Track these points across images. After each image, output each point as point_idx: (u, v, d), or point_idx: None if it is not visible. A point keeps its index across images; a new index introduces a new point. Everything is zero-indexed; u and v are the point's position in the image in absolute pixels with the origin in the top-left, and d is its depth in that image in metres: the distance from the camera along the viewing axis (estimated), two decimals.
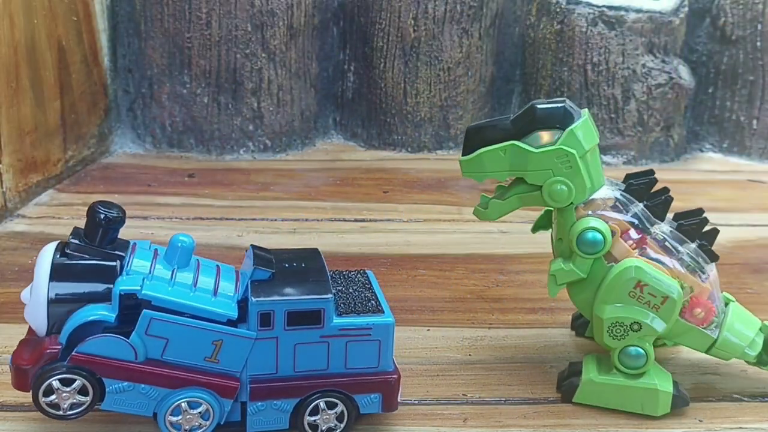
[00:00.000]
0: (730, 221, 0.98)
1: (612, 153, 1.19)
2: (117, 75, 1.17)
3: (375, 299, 0.55)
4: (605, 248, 0.56)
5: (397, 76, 1.18)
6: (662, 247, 0.58)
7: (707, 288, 0.58)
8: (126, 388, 0.50)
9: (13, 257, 0.82)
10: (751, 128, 1.23)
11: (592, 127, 0.58)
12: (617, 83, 1.16)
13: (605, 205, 0.58)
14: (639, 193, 0.59)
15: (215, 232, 0.90)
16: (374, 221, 0.96)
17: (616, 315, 0.57)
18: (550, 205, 0.57)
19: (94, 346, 0.49)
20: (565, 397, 0.62)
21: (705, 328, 0.59)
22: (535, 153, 0.55)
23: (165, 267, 0.52)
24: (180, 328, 0.50)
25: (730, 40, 1.22)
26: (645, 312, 0.57)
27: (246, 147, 1.17)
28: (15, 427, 0.56)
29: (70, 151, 1.05)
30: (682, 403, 0.60)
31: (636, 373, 0.59)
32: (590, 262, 0.57)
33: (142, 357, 0.50)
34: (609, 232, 0.56)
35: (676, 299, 0.56)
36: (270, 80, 1.16)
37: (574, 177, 0.55)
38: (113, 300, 0.50)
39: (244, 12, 1.12)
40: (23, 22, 0.93)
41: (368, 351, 0.54)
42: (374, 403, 0.55)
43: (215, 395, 0.52)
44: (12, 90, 0.91)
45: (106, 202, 0.52)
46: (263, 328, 0.52)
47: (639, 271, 0.56)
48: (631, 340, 0.57)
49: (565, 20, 1.16)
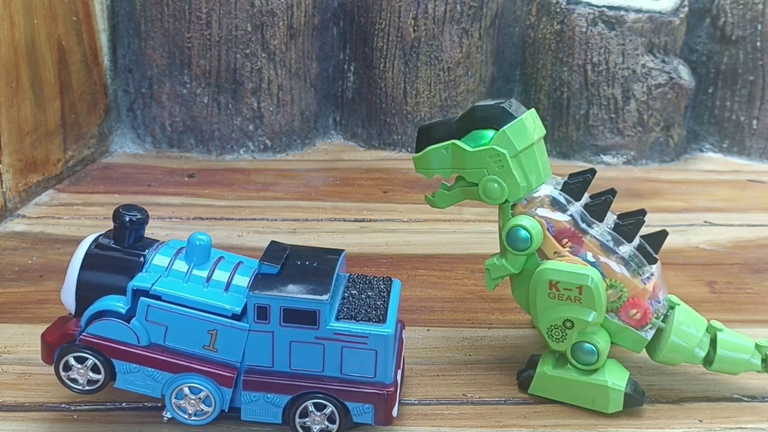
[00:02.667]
0: (730, 221, 0.98)
1: (612, 153, 1.19)
2: (117, 75, 1.17)
3: (383, 309, 0.55)
4: (533, 246, 0.58)
5: (397, 76, 1.18)
6: (601, 247, 0.58)
7: (646, 290, 0.58)
8: (133, 369, 0.53)
9: (13, 257, 0.82)
10: (751, 128, 1.23)
11: (531, 127, 0.59)
12: (617, 83, 1.16)
13: (542, 204, 0.59)
14: (574, 193, 0.60)
15: (215, 232, 0.90)
16: (374, 221, 0.96)
17: (548, 319, 0.58)
18: (485, 201, 0.59)
19: (100, 328, 0.53)
20: (521, 388, 0.63)
21: (639, 330, 0.59)
22: (470, 152, 0.58)
23: (183, 264, 0.55)
24: (175, 316, 0.53)
25: (730, 40, 1.22)
26: (569, 307, 0.57)
27: (246, 147, 1.17)
28: (15, 427, 0.56)
29: (70, 151, 1.05)
30: (636, 402, 0.60)
31: (589, 369, 0.59)
32: (522, 258, 0.59)
33: (145, 341, 0.53)
34: (539, 231, 0.58)
35: (591, 285, 0.56)
36: (270, 80, 1.16)
37: (506, 176, 0.58)
38: (127, 294, 0.53)
39: (244, 12, 1.12)
40: (23, 22, 0.93)
41: (364, 360, 0.54)
42: (367, 414, 0.54)
43: (214, 383, 0.53)
44: (12, 90, 0.91)
45: (129, 205, 0.56)
46: (259, 320, 0.53)
47: (546, 272, 0.57)
48: (573, 339, 0.58)
49: (565, 20, 1.16)
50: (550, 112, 1.21)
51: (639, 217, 0.59)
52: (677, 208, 1.03)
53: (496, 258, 0.61)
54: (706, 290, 0.80)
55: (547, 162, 0.61)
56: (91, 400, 0.59)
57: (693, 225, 0.97)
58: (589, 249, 0.58)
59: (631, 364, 0.67)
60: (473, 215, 0.91)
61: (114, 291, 0.54)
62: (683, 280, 0.82)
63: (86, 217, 0.93)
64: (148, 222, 0.56)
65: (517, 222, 0.58)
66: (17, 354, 0.64)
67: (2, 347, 0.65)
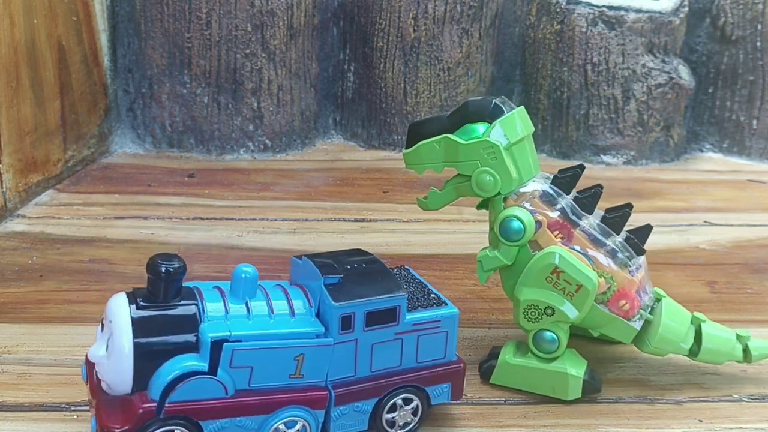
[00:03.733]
0: (730, 221, 0.98)
1: (612, 153, 1.19)
2: (117, 75, 1.17)
3: (433, 293, 0.57)
4: (525, 236, 0.59)
5: (397, 76, 1.18)
6: (590, 240, 0.59)
7: (634, 281, 0.59)
8: (224, 425, 0.50)
9: (13, 257, 0.82)
10: (751, 128, 1.23)
11: (521, 123, 0.60)
12: (617, 83, 1.17)
13: (533, 197, 0.60)
14: (564, 186, 0.61)
15: (215, 232, 0.90)
16: (374, 221, 0.96)
17: (533, 298, 0.59)
18: (479, 194, 0.60)
19: (185, 392, 0.48)
20: (484, 379, 0.64)
21: (629, 320, 0.60)
22: (464, 144, 0.59)
23: (237, 302, 0.51)
24: (262, 353, 0.50)
25: (730, 40, 1.22)
26: (560, 298, 0.58)
27: (246, 147, 1.17)
28: (15, 427, 0.56)
29: (70, 151, 1.05)
30: (593, 389, 0.61)
31: (549, 357, 0.60)
32: (515, 250, 0.60)
33: (232, 391, 0.50)
34: (532, 222, 0.59)
35: (590, 290, 0.57)
36: (270, 80, 1.16)
37: (499, 167, 0.59)
38: (203, 348, 0.49)
39: (244, 12, 1.12)
40: (23, 22, 0.93)
41: (437, 343, 0.55)
42: (444, 393, 0.56)
43: (307, 410, 0.52)
44: (12, 90, 0.91)
45: (165, 254, 0.50)
46: (344, 331, 0.52)
47: (559, 257, 0.58)
48: (544, 324, 0.59)
49: (565, 20, 1.16)
50: (550, 112, 1.21)
51: (626, 209, 0.61)
52: (677, 208, 1.03)
53: (488, 250, 0.61)
54: (706, 290, 0.80)
55: (537, 158, 0.62)
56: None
57: (693, 225, 0.97)
58: (578, 241, 0.59)
59: (631, 362, 0.67)
60: (473, 215, 0.91)
61: (177, 351, 0.49)
62: (683, 280, 0.82)
63: (86, 217, 0.93)
64: (186, 272, 0.50)
65: (510, 213, 0.59)
66: (17, 354, 0.64)
67: (2, 347, 0.65)
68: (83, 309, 0.71)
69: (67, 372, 0.62)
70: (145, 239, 0.87)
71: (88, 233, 0.89)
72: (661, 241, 0.91)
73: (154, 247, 0.85)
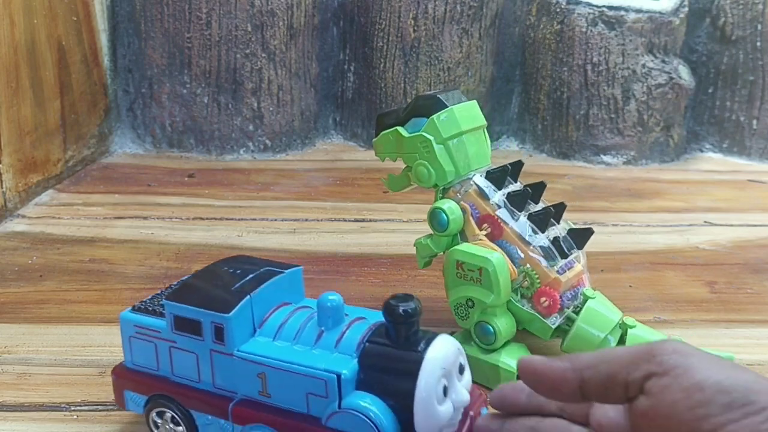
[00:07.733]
0: (730, 221, 0.98)
1: (612, 153, 1.19)
2: (117, 75, 1.17)
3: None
4: (450, 228, 0.61)
5: (397, 76, 1.18)
6: (518, 236, 0.60)
7: (559, 280, 0.59)
8: None
9: (13, 257, 0.82)
10: (751, 128, 1.23)
11: (464, 117, 0.62)
12: (617, 83, 1.16)
13: (469, 190, 0.62)
14: (496, 181, 0.63)
15: (215, 232, 0.90)
16: (374, 221, 0.96)
17: (455, 297, 0.61)
18: (419, 185, 0.64)
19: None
20: None
21: (546, 318, 0.60)
22: (406, 138, 0.63)
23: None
24: None
25: (730, 40, 1.22)
26: (472, 287, 0.60)
27: (246, 147, 1.17)
28: (15, 427, 0.56)
29: (70, 151, 1.05)
30: None
31: (488, 348, 0.61)
32: (445, 240, 0.63)
33: None
34: (458, 214, 0.61)
35: (490, 270, 0.58)
36: (270, 80, 1.16)
37: (433, 161, 0.62)
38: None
39: (244, 12, 1.12)
40: (23, 22, 0.93)
41: None
42: None
43: None
44: (12, 90, 0.91)
45: (405, 295, 0.45)
46: None
47: (454, 253, 0.60)
48: (475, 316, 0.60)
49: (565, 20, 1.16)
50: (550, 112, 1.21)
51: (549, 207, 0.62)
52: (677, 208, 1.03)
53: (423, 238, 0.65)
54: (706, 290, 0.80)
55: (484, 150, 0.64)
56: (91, 400, 0.59)
57: (693, 225, 0.97)
58: (507, 237, 0.60)
59: None
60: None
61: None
62: (683, 280, 0.82)
63: (86, 217, 0.93)
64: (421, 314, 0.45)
65: (438, 205, 0.62)
66: (17, 354, 0.64)
67: (2, 347, 0.65)
68: (83, 309, 0.71)
69: (66, 372, 0.62)
70: (145, 239, 0.87)
71: (88, 233, 0.89)
72: (661, 241, 0.91)
73: (154, 246, 0.85)
